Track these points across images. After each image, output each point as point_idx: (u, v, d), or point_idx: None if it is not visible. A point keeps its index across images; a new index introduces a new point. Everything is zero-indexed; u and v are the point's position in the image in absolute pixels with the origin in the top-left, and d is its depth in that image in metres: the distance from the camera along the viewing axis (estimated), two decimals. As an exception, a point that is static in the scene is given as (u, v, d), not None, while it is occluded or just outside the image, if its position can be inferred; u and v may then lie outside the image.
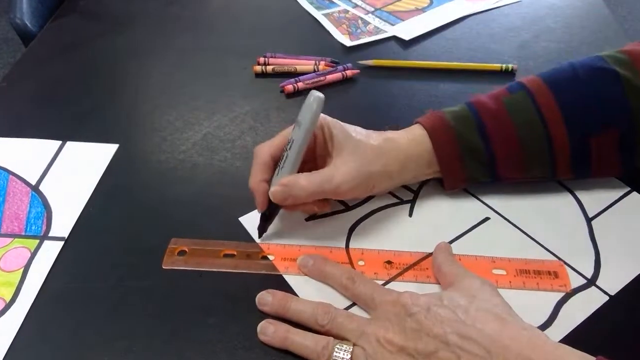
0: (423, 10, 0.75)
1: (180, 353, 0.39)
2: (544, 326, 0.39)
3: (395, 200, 0.49)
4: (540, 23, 0.71)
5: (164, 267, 0.44)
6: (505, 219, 0.46)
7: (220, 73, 0.65)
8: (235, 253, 0.45)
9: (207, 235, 0.46)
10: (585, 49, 0.66)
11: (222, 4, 0.79)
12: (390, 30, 0.71)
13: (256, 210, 0.45)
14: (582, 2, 0.75)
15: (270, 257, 0.44)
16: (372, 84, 0.63)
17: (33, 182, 0.51)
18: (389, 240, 0.45)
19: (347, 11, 0.76)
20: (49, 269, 0.44)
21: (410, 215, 0.47)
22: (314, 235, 0.46)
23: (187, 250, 0.45)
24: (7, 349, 0.39)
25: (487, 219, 0.47)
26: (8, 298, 0.42)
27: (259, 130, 0.57)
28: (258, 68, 0.64)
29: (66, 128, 0.57)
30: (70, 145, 0.55)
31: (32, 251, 0.45)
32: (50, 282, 0.43)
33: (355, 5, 0.77)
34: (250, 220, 0.47)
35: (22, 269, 0.44)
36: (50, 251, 0.45)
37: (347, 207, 0.48)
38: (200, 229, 0.47)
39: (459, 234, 0.45)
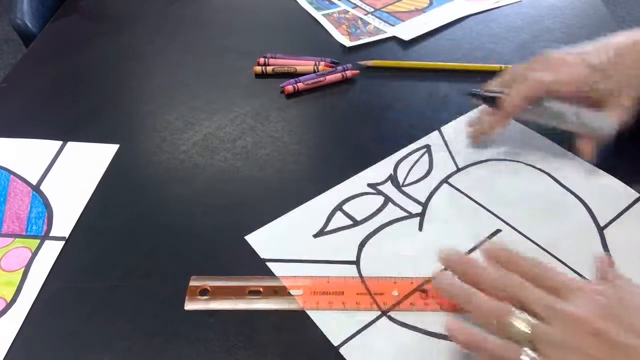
0: (423, 10, 0.75)
1: (180, 353, 0.39)
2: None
3: (404, 214, 0.47)
4: (540, 23, 0.71)
5: (186, 309, 0.41)
6: (517, 230, 0.45)
7: (220, 73, 0.65)
8: (261, 289, 0.42)
9: (206, 235, 0.46)
10: (584, 49, 0.66)
11: (222, 4, 0.79)
12: (390, 31, 0.71)
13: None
14: (582, 3, 0.75)
15: (298, 292, 0.42)
16: (372, 84, 0.63)
17: (34, 182, 0.52)
18: (398, 258, 0.44)
19: (346, 12, 0.76)
20: (49, 268, 0.44)
21: (421, 229, 0.46)
22: (322, 251, 0.45)
23: (209, 289, 0.42)
24: (7, 348, 0.39)
25: (498, 231, 0.46)
26: (9, 298, 0.42)
27: (259, 130, 0.57)
28: (258, 68, 0.64)
29: (67, 128, 0.57)
30: (71, 145, 0.55)
31: (32, 251, 0.45)
32: (51, 282, 0.43)
33: (355, 6, 0.77)
34: (257, 239, 0.46)
35: (23, 268, 0.44)
36: (51, 251, 0.45)
37: (355, 222, 0.47)
38: (200, 229, 0.47)
39: (472, 247, 0.44)
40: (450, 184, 0.50)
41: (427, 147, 0.53)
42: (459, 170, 0.51)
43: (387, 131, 0.56)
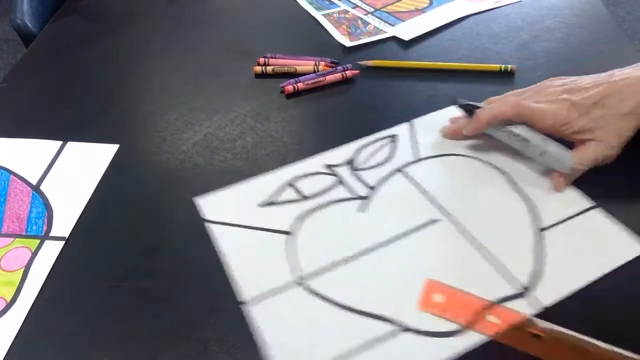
0: (423, 10, 0.75)
1: (180, 353, 0.39)
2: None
3: (350, 196, 0.49)
4: (539, 23, 0.71)
5: (419, 310, 0.40)
6: (454, 222, 0.46)
7: (220, 73, 0.65)
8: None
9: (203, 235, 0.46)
10: (584, 49, 0.66)
11: (222, 4, 0.80)
12: (389, 31, 0.71)
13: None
14: (581, 3, 0.75)
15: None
16: (372, 84, 0.63)
17: (34, 182, 0.52)
18: (334, 234, 0.46)
19: (346, 12, 0.76)
20: (49, 268, 0.44)
21: (363, 211, 0.48)
22: (261, 220, 0.47)
23: (444, 296, 0.41)
24: (7, 348, 0.39)
25: (434, 220, 0.46)
26: (9, 298, 0.42)
27: (259, 130, 0.57)
28: (258, 68, 0.64)
29: (67, 128, 0.57)
30: (71, 145, 0.55)
31: (32, 251, 0.45)
32: (51, 282, 0.43)
33: (355, 6, 0.77)
34: (206, 202, 0.49)
35: (23, 268, 0.44)
36: (51, 251, 0.45)
37: (302, 197, 0.49)
38: (200, 230, 0.47)
39: (405, 230, 0.46)
40: (404, 173, 0.51)
41: (394, 137, 0.54)
42: (418, 161, 0.52)
43: (387, 131, 0.56)
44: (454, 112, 0.57)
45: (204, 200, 0.49)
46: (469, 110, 0.52)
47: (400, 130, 0.55)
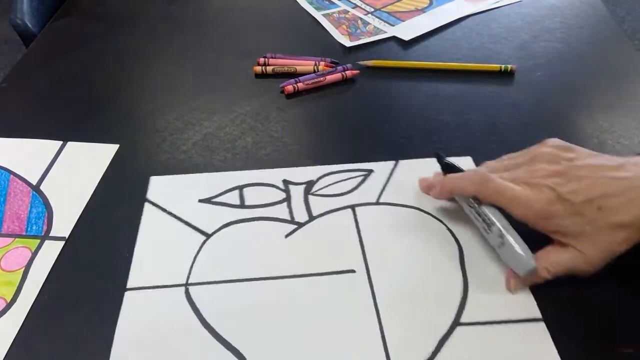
0: (423, 10, 0.75)
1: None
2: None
3: (287, 218, 0.47)
4: (539, 23, 0.71)
5: None
6: (368, 273, 0.42)
7: (220, 73, 0.65)
8: None
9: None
10: (584, 50, 0.66)
11: (222, 4, 0.80)
12: (389, 31, 0.71)
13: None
14: (581, 3, 0.75)
15: None
16: (372, 84, 0.63)
17: (34, 182, 0.52)
18: (247, 253, 0.44)
19: (346, 12, 0.76)
20: (49, 269, 0.44)
21: (286, 237, 0.45)
22: (192, 216, 0.47)
23: None
24: (7, 348, 0.39)
25: (350, 271, 0.42)
26: (9, 298, 0.42)
27: (259, 130, 0.57)
28: (258, 68, 0.64)
29: (67, 128, 0.57)
30: (71, 145, 0.55)
31: (32, 251, 0.45)
32: (51, 282, 0.43)
33: (355, 6, 0.77)
34: (157, 182, 0.50)
35: (23, 268, 0.44)
36: (51, 251, 0.45)
37: (241, 205, 0.48)
38: (201, 229, 0.47)
39: (314, 271, 0.42)
40: (354, 212, 0.47)
41: (369, 172, 0.50)
42: (375, 204, 0.48)
43: (387, 131, 0.56)
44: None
45: (155, 180, 0.50)
46: (446, 169, 0.46)
47: (380, 167, 0.51)
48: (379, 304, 0.40)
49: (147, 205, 0.48)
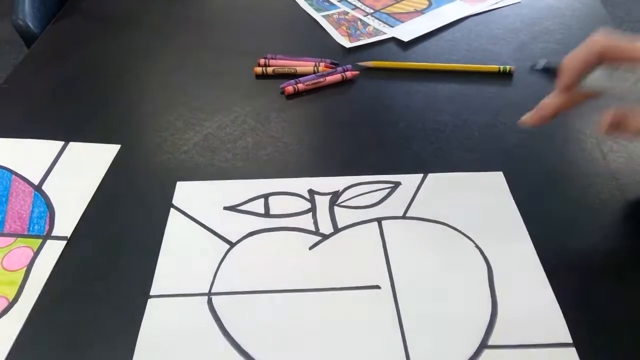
0: (422, 12, 0.75)
1: (182, 351, 0.39)
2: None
3: (312, 229, 0.46)
4: (538, 24, 0.71)
5: None
6: (394, 291, 0.41)
7: (221, 74, 0.66)
8: None
9: (208, 235, 0.46)
10: (583, 51, 0.66)
11: (222, 4, 0.80)
12: (389, 32, 0.71)
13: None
14: (580, 4, 0.75)
15: None
16: (372, 85, 0.63)
17: (36, 182, 0.52)
18: (270, 264, 0.43)
19: (346, 13, 0.76)
20: (51, 268, 0.44)
21: (311, 249, 0.44)
22: (217, 223, 0.47)
23: None
24: (9, 347, 0.39)
25: (376, 287, 0.42)
26: (11, 297, 0.42)
27: (260, 130, 0.57)
28: (258, 69, 0.65)
29: (69, 129, 0.58)
30: (72, 145, 0.56)
31: (34, 251, 0.46)
32: (53, 282, 0.43)
33: (355, 7, 0.77)
34: (183, 188, 0.50)
35: (25, 268, 0.44)
36: (52, 251, 0.46)
37: (266, 214, 0.47)
38: (201, 229, 0.47)
39: (337, 286, 0.42)
40: (381, 226, 0.46)
41: (396, 185, 0.49)
42: (402, 218, 0.47)
43: (387, 132, 0.56)
44: (478, 177, 0.50)
45: (183, 185, 0.50)
46: (552, 71, 0.42)
47: (408, 180, 0.50)
48: (404, 322, 0.39)
49: (172, 211, 0.48)
